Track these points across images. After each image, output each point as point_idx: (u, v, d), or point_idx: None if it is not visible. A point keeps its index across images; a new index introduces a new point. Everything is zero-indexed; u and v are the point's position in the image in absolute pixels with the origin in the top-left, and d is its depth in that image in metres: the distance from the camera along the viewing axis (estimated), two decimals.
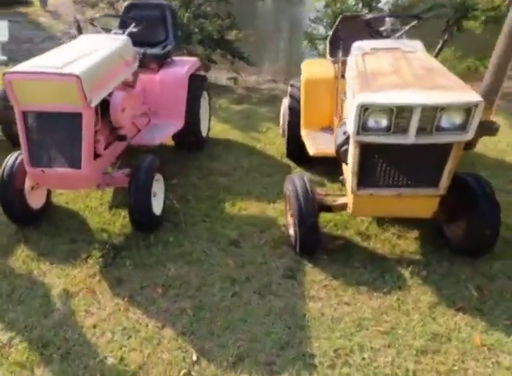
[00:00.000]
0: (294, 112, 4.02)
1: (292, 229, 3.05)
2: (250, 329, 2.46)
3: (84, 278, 2.88)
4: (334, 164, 3.30)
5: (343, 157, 2.75)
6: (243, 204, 3.70)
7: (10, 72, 2.78)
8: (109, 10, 6.49)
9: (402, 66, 2.62)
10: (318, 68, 3.98)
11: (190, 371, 2.25)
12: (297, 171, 4.20)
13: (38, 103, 2.85)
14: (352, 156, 2.50)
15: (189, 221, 3.47)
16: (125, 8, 4.34)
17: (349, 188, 2.67)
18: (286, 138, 4.25)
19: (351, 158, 2.52)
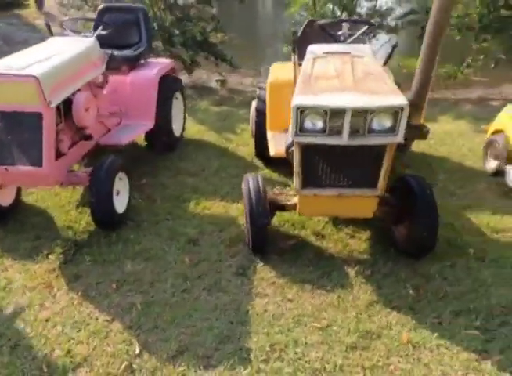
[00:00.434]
0: (261, 113, 4.11)
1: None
2: (195, 324, 2.56)
3: (44, 273, 2.99)
4: None
5: (290, 158, 2.85)
6: (207, 203, 3.80)
7: None
8: (94, 13, 6.59)
9: (345, 71, 2.72)
10: (284, 71, 4.07)
11: (132, 364, 2.35)
12: (265, 171, 4.30)
13: (0, 103, 2.96)
14: (295, 157, 2.60)
15: (152, 219, 3.57)
16: (99, 11, 4.45)
17: (295, 188, 2.76)
18: (254, 138, 4.35)
19: (295, 159, 2.61)
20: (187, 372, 2.29)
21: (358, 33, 3.30)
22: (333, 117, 2.38)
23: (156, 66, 4.32)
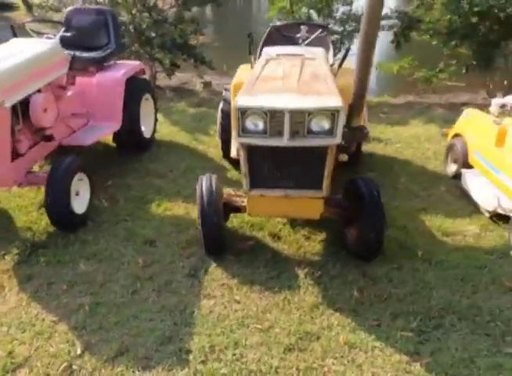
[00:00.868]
0: (226, 115, 4.13)
1: None
2: (139, 325, 2.57)
3: None
4: None
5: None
6: (169, 204, 3.81)
7: None
8: None
9: (293, 73, 2.74)
10: (249, 72, 4.09)
11: (72, 364, 2.36)
12: (232, 172, 4.32)
13: None
14: (241, 157, 2.62)
15: (112, 220, 3.58)
16: (67, 13, 4.47)
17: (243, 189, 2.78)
18: (220, 140, 4.37)
19: (241, 160, 2.63)
20: (125, 373, 2.29)
21: (313, 36, 3.33)
22: (274, 118, 2.40)
23: (123, 68, 4.34)
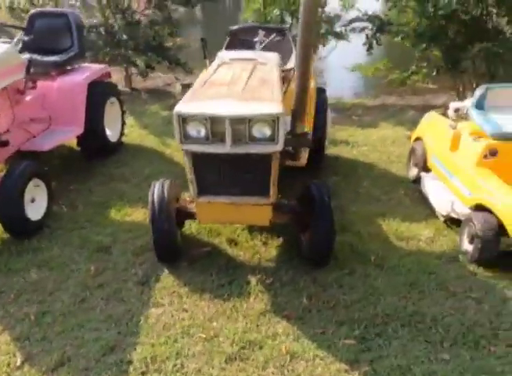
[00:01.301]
0: None
1: None
2: (83, 334, 2.53)
3: None
4: None
5: None
6: (130, 210, 3.76)
7: None
8: None
9: (241, 78, 2.71)
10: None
11: None
12: None
13: None
14: (186, 164, 2.58)
15: (69, 227, 3.53)
16: (30, 16, 4.41)
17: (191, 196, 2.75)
18: None
19: (186, 166, 2.60)
20: None
21: (267, 40, 3.31)
22: (215, 124, 2.37)
23: (86, 72, 4.29)
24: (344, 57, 7.58)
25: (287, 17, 6.09)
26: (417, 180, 3.83)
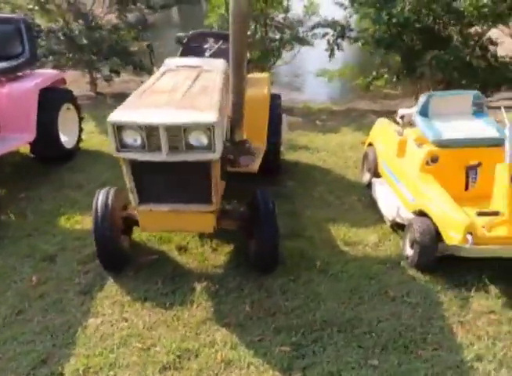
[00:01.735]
0: None
1: None
2: (16, 347, 2.45)
3: None
4: None
5: None
6: (80, 218, 3.69)
7: None
8: None
9: (183, 86, 2.69)
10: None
11: None
12: None
13: None
14: (124, 172, 2.54)
15: (16, 235, 3.44)
16: None
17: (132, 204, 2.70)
18: None
19: (124, 175, 2.55)
20: None
21: (216, 46, 3.30)
22: (151, 133, 2.34)
23: (37, 78, 4.21)
24: (319, 62, 7.61)
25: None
26: (370, 185, 3.86)
